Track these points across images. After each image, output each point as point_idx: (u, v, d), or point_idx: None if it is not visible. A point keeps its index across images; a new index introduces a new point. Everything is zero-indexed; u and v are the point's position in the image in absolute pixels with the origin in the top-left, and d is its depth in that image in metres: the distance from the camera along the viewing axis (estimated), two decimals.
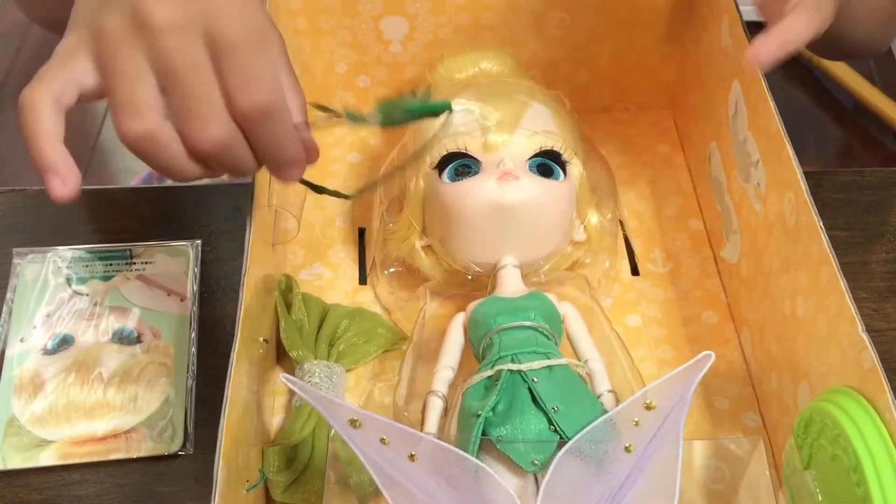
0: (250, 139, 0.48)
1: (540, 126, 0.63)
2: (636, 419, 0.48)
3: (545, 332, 0.57)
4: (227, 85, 0.46)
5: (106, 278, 0.70)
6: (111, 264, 0.70)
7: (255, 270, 0.57)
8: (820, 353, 0.54)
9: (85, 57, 0.47)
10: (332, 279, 0.71)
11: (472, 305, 0.60)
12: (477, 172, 0.61)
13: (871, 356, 0.48)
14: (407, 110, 0.52)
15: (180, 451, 0.61)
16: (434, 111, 0.54)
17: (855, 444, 0.46)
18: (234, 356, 0.50)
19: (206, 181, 1.12)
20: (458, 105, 0.63)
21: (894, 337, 0.69)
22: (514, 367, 0.54)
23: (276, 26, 0.49)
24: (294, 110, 0.50)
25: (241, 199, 0.75)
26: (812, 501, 0.50)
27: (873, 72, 2.03)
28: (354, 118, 0.53)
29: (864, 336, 0.49)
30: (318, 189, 0.58)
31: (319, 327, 0.65)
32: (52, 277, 0.69)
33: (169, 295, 0.69)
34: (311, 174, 0.54)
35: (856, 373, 0.49)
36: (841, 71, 1.93)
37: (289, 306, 0.65)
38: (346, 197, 0.61)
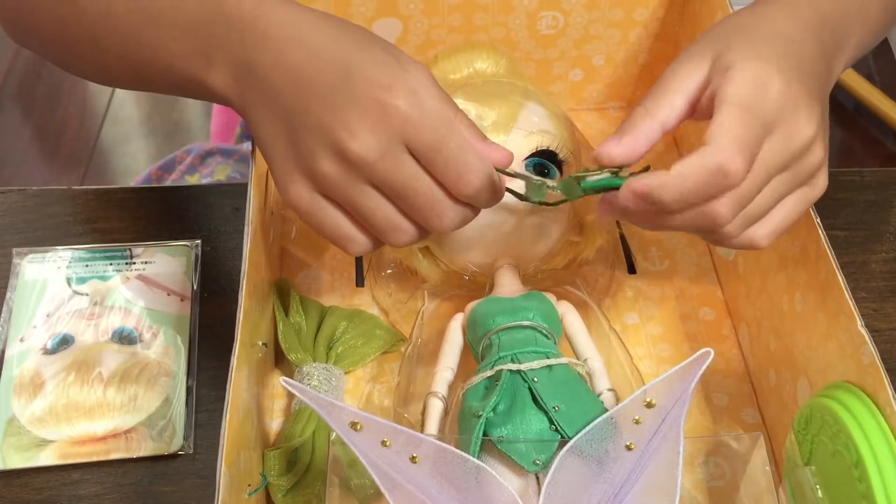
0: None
1: (536, 126, 0.63)
2: (636, 417, 0.48)
3: (544, 332, 0.57)
4: (444, 181, 0.50)
5: (106, 278, 0.70)
6: (111, 264, 0.70)
7: (254, 273, 0.57)
8: (819, 348, 0.54)
9: (325, 200, 0.52)
10: (329, 281, 0.71)
11: (470, 306, 0.60)
12: None
13: (871, 351, 0.48)
14: (585, 187, 0.53)
15: (180, 450, 0.61)
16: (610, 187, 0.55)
17: (856, 440, 0.46)
18: (234, 360, 0.50)
19: (205, 181, 1.12)
20: None
21: (894, 337, 0.69)
22: (514, 367, 0.54)
23: (438, 96, 0.51)
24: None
25: (241, 199, 0.75)
26: (813, 497, 0.50)
27: (873, 72, 2.02)
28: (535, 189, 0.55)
29: (864, 331, 0.49)
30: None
31: (317, 330, 0.65)
32: (52, 277, 0.69)
33: (169, 295, 0.69)
34: None
35: (855, 368, 0.49)
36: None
37: (286, 309, 0.65)
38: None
